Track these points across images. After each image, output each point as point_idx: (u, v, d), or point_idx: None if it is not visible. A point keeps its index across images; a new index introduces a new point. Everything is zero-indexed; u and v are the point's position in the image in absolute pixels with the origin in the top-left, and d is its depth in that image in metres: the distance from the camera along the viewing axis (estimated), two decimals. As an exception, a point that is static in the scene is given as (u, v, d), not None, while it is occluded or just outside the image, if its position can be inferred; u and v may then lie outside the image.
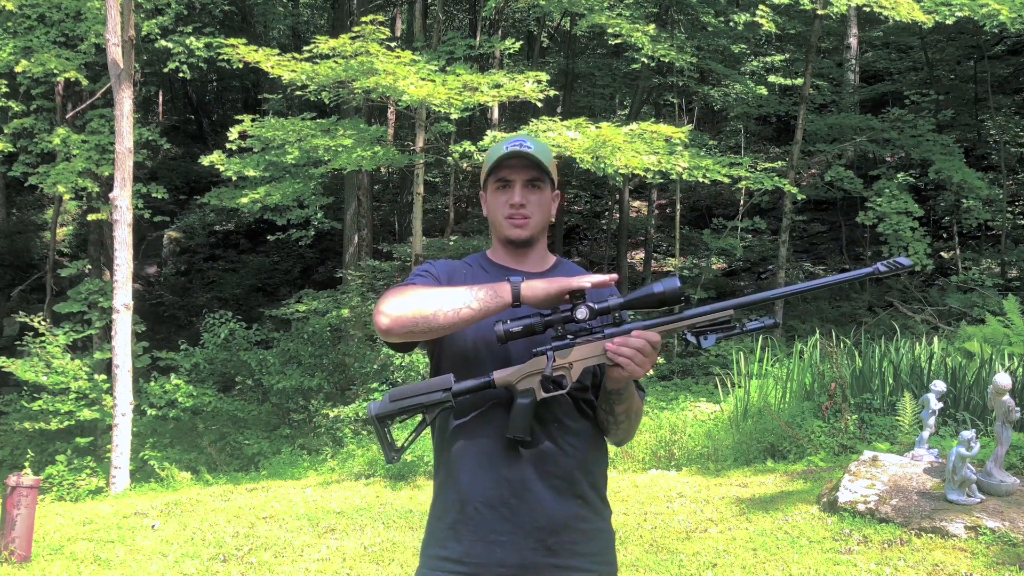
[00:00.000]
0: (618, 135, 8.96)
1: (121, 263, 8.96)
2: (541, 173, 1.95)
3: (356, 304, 11.87)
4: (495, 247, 2.05)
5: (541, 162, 1.93)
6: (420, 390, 1.85)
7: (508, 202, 1.95)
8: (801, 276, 15.69)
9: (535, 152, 1.93)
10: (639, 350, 1.76)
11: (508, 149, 1.93)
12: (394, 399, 1.86)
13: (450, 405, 1.84)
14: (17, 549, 5.25)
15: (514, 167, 1.94)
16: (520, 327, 1.79)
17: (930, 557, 4.27)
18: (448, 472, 1.93)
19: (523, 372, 1.82)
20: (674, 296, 1.77)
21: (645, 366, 1.77)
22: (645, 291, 1.79)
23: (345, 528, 5.73)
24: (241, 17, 18.97)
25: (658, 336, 1.78)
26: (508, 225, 1.96)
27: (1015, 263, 13.37)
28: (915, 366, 7.22)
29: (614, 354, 1.78)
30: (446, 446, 1.94)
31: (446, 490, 1.94)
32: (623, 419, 1.93)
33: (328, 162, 10.10)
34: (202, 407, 10.56)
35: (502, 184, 1.95)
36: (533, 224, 1.96)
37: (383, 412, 1.86)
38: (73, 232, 19.01)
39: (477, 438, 1.89)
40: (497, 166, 1.94)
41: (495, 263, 2.03)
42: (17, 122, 12.36)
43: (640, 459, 7.20)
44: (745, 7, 13.63)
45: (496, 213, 1.98)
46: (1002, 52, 15.53)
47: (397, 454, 1.89)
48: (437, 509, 1.96)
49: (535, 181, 1.95)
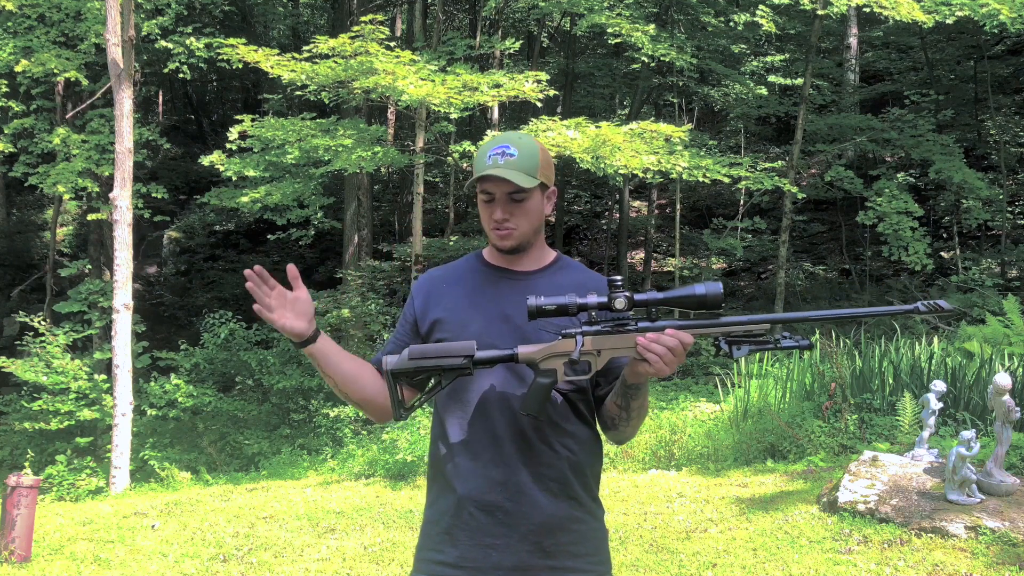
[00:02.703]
0: (618, 135, 8.96)
1: (121, 263, 8.96)
2: (521, 188, 1.89)
3: (356, 304, 11.87)
4: (490, 247, 2.05)
5: (510, 179, 1.86)
6: (441, 352, 1.81)
7: (491, 216, 1.93)
8: (801, 276, 15.70)
9: (517, 162, 1.87)
10: (671, 349, 1.72)
11: (489, 161, 1.87)
12: (413, 356, 1.81)
13: (468, 373, 1.81)
14: (17, 549, 5.25)
15: (495, 181, 1.89)
16: (554, 305, 1.76)
17: (930, 557, 4.27)
18: (442, 473, 1.93)
19: (549, 351, 1.79)
20: (715, 300, 1.73)
21: (672, 366, 1.73)
22: (687, 291, 1.75)
23: (345, 528, 5.73)
24: (241, 17, 18.97)
25: (691, 338, 1.74)
26: (495, 236, 1.95)
27: (1015, 263, 13.37)
28: (915, 366, 7.22)
29: (644, 349, 1.73)
30: (443, 446, 1.94)
31: (440, 493, 1.93)
32: (635, 415, 1.90)
33: (328, 162, 10.10)
34: (202, 407, 10.57)
35: (486, 197, 1.93)
36: (519, 235, 1.94)
37: (399, 368, 1.82)
38: (73, 232, 19.01)
39: (473, 440, 1.89)
40: (480, 179, 1.91)
41: (490, 263, 2.03)
42: (17, 122, 12.36)
43: (640, 459, 7.20)
44: (745, 7, 13.63)
45: (484, 222, 1.97)
46: (1002, 52, 15.53)
47: (406, 412, 1.86)
48: (431, 514, 1.96)
49: (516, 194, 1.90)
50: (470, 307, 1.94)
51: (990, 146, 14.81)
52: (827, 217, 16.83)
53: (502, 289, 1.97)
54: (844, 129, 13.91)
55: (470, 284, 2.00)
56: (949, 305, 1.71)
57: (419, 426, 7.89)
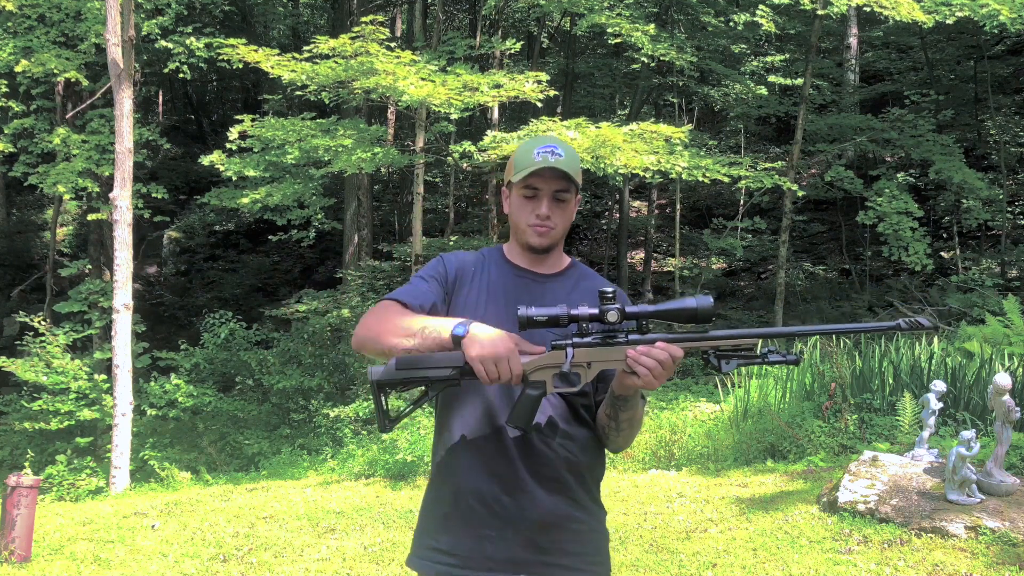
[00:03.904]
0: (618, 135, 8.96)
1: (121, 263, 8.96)
2: (569, 184, 1.93)
3: (356, 304, 11.88)
4: (512, 245, 2.04)
5: (570, 175, 1.91)
6: (429, 363, 1.78)
7: (534, 211, 1.94)
8: (801, 276, 15.70)
9: (566, 162, 1.91)
10: (660, 362, 1.72)
11: (539, 157, 1.90)
12: (400, 367, 1.79)
13: (457, 384, 1.80)
14: (17, 549, 5.25)
15: (544, 177, 1.92)
16: (545, 316, 1.75)
17: (930, 557, 4.27)
18: (444, 462, 1.94)
19: (539, 363, 1.78)
20: (706, 315, 1.73)
21: (661, 379, 1.74)
22: (678, 304, 1.75)
23: (345, 528, 5.73)
24: (241, 17, 18.97)
25: (681, 352, 1.74)
26: (532, 232, 1.95)
27: (1015, 263, 13.37)
28: (915, 366, 7.22)
29: (634, 362, 1.73)
30: (446, 435, 1.95)
31: (440, 480, 1.95)
32: (625, 426, 1.91)
33: (328, 162, 10.10)
34: (202, 407, 10.57)
35: (530, 192, 1.94)
36: (555, 234, 1.96)
37: (385, 380, 1.81)
38: (73, 232, 19.01)
39: (476, 432, 1.89)
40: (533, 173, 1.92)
41: (510, 261, 2.03)
42: (17, 122, 12.35)
43: (640, 459, 7.20)
44: (745, 7, 13.62)
45: (520, 218, 1.97)
46: (1002, 52, 15.53)
47: (391, 423, 1.85)
48: (430, 499, 1.97)
49: (563, 192, 1.94)
50: (489, 302, 1.94)
51: (990, 146, 14.81)
52: (827, 217, 16.83)
53: (522, 289, 1.98)
54: (844, 129, 13.91)
55: (492, 279, 2.00)
56: (929, 322, 1.72)
57: (419, 426, 7.89)
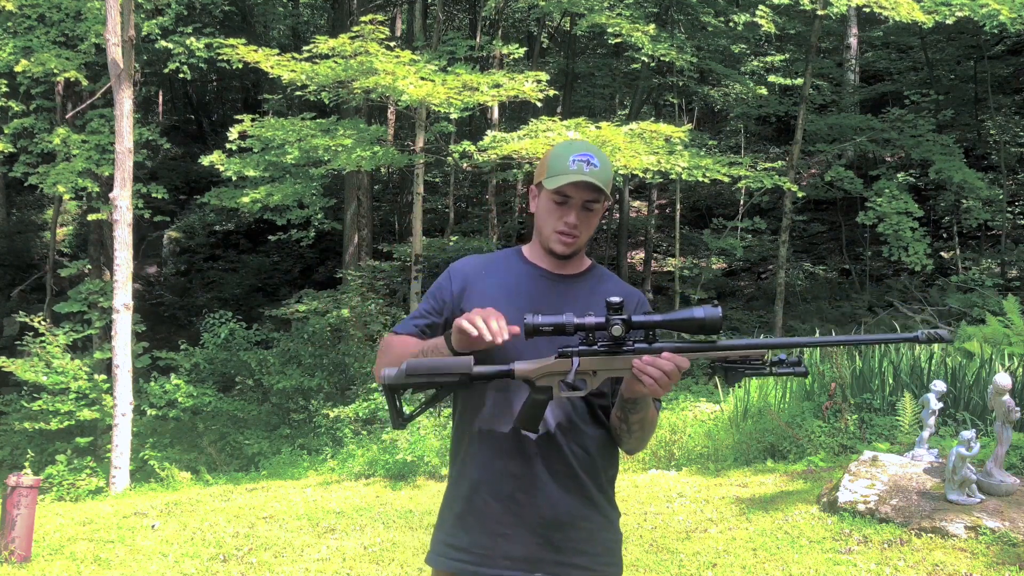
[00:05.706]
0: (618, 135, 8.96)
1: (121, 263, 8.96)
2: (600, 195, 1.93)
3: (356, 304, 11.87)
4: (534, 247, 2.04)
5: (602, 187, 1.91)
6: (438, 368, 1.80)
7: (563, 219, 1.94)
8: (801, 276, 15.69)
9: (600, 173, 1.91)
10: (667, 372, 1.74)
11: (575, 166, 1.90)
12: (410, 373, 1.81)
13: (465, 387, 1.82)
14: (17, 549, 5.25)
15: (578, 187, 1.92)
16: (551, 325, 1.76)
17: (930, 557, 4.27)
18: (462, 460, 1.96)
19: (545, 370, 1.80)
20: (714, 326, 1.74)
21: (667, 388, 1.75)
22: (686, 314, 1.76)
23: (345, 528, 5.73)
24: (241, 17, 18.96)
25: (687, 362, 1.75)
26: (556, 239, 1.96)
27: (1015, 263, 13.37)
28: (915, 366, 7.22)
29: (640, 372, 1.75)
30: (464, 432, 1.96)
31: (458, 479, 1.96)
32: (636, 429, 1.92)
33: (328, 162, 10.10)
34: (202, 407, 10.56)
35: (561, 199, 1.94)
36: (580, 242, 1.98)
37: (396, 383, 1.82)
38: (73, 232, 19.01)
39: (494, 430, 1.91)
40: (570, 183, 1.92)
41: (530, 261, 2.03)
42: (17, 122, 12.35)
43: (640, 459, 7.20)
44: (745, 7, 13.63)
45: (546, 223, 1.97)
46: (1002, 52, 15.53)
47: (405, 421, 1.88)
48: (448, 497, 1.99)
49: (593, 203, 1.94)
50: (507, 305, 1.92)
51: (990, 146, 14.82)
52: (827, 217, 16.83)
53: (544, 290, 1.98)
54: (844, 129, 13.91)
55: (509, 280, 2.00)
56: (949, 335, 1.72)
57: (419, 426, 7.89)
